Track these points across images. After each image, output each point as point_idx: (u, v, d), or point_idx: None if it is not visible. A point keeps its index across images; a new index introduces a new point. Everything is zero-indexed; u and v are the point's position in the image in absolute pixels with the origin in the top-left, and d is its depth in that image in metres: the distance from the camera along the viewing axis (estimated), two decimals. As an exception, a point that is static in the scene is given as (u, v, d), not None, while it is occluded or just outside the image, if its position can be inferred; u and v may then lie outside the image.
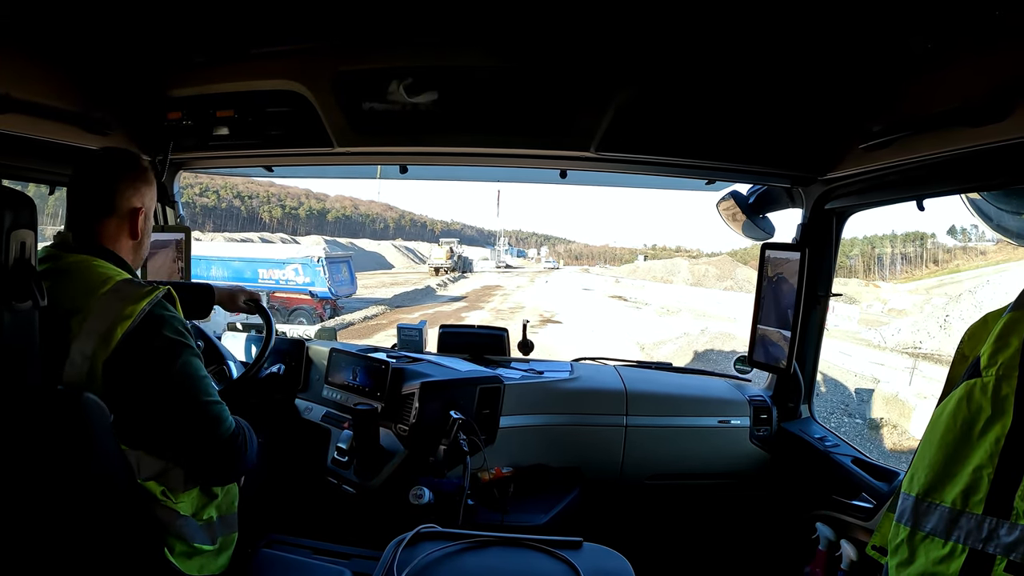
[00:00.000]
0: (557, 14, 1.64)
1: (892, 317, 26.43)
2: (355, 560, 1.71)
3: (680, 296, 33.11)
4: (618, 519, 2.46)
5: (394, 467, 2.12)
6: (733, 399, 2.55)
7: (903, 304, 31.70)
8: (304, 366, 2.65)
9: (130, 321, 1.24)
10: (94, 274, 1.31)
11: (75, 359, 1.23)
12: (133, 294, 1.28)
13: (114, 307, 1.25)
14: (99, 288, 1.27)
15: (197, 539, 1.40)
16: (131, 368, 1.25)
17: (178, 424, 1.32)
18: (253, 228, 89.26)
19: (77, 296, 1.26)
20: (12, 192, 1.11)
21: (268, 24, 1.75)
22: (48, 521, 1.15)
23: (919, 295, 36.77)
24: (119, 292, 1.28)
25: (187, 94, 2.11)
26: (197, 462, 1.37)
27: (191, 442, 1.34)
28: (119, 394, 1.24)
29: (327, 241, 64.26)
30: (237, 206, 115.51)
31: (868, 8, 1.41)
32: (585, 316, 22.60)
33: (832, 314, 11.30)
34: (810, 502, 2.19)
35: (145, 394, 1.28)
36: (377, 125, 2.03)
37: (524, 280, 46.22)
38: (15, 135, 1.72)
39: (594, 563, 1.25)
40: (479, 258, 68.85)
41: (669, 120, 1.99)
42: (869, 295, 36.91)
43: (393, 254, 77.23)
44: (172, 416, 1.31)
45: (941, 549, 1.07)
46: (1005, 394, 1.04)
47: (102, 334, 1.23)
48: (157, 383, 1.29)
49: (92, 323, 1.24)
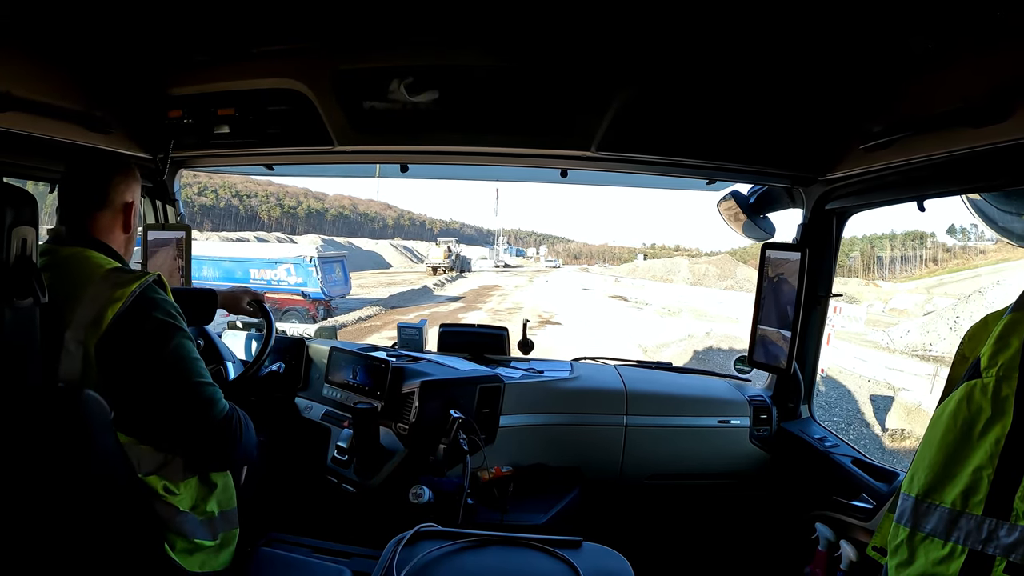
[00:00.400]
0: (558, 14, 1.63)
1: (895, 317, 25.88)
2: (355, 559, 1.71)
3: (681, 296, 32.56)
4: (618, 519, 2.46)
5: (394, 466, 2.12)
6: (733, 399, 2.55)
7: (904, 304, 31.41)
8: (304, 365, 2.65)
9: (120, 303, 1.26)
10: (88, 264, 1.34)
11: (69, 348, 1.24)
12: (123, 279, 1.30)
13: (104, 292, 1.28)
14: (92, 277, 1.30)
15: (198, 535, 1.40)
16: (123, 350, 1.26)
17: (171, 406, 1.33)
18: (252, 227, 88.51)
19: (72, 287, 1.28)
20: (13, 189, 1.11)
21: (269, 23, 1.75)
22: (49, 519, 1.16)
23: (920, 294, 36.49)
24: (109, 279, 1.30)
25: (188, 92, 2.11)
26: (192, 445, 1.38)
27: (184, 424, 1.35)
28: (114, 379, 1.26)
29: (324, 240, 63.08)
30: (236, 205, 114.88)
31: (869, 8, 1.41)
32: (585, 317, 22.19)
33: (838, 315, 11.11)
34: (810, 502, 2.19)
35: (138, 376, 1.29)
36: (377, 124, 2.03)
37: (523, 280, 45.26)
38: (16, 133, 1.72)
39: (593, 563, 1.25)
40: (478, 257, 67.84)
41: (670, 120, 1.99)
42: (870, 294, 36.59)
43: (391, 253, 76.44)
44: (165, 398, 1.32)
45: (941, 550, 1.07)
46: (1005, 395, 1.04)
47: (93, 319, 1.25)
48: (149, 365, 1.30)
49: (83, 310, 1.26)
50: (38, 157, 1.90)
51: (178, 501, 1.36)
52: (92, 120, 1.89)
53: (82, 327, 1.25)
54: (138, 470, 1.31)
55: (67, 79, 1.83)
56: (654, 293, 34.45)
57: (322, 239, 64.90)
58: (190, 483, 1.41)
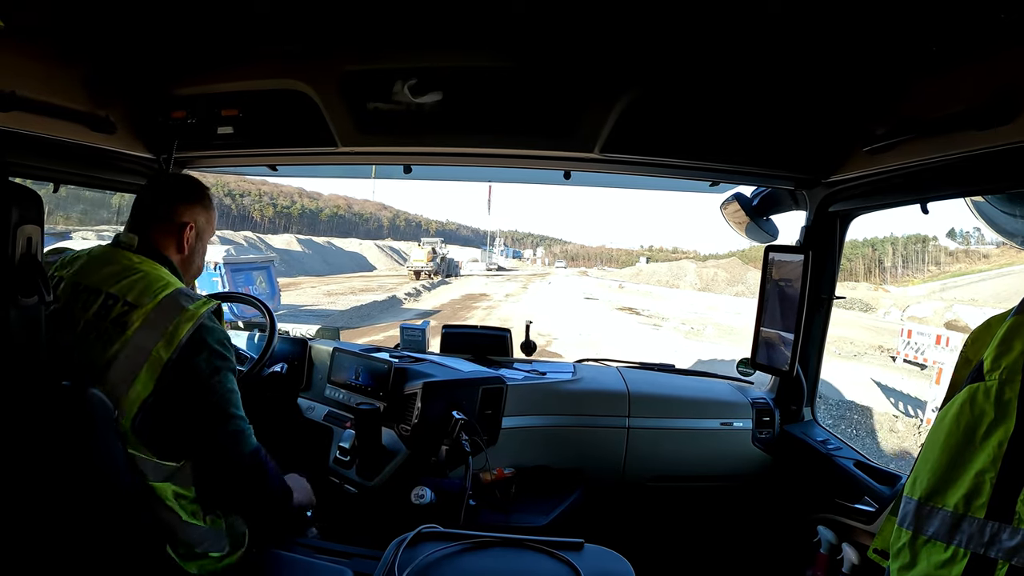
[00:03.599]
0: (562, 15, 1.63)
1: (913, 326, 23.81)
2: (356, 560, 1.71)
3: (696, 305, 29.21)
4: (620, 520, 2.46)
5: (396, 467, 2.12)
6: (735, 401, 2.54)
7: (924, 311, 29.25)
8: (307, 365, 2.66)
9: (191, 323, 1.32)
10: (155, 276, 1.40)
11: (130, 352, 1.29)
12: (194, 302, 1.37)
13: (177, 309, 1.34)
14: (161, 291, 1.36)
15: (204, 544, 1.41)
16: (180, 369, 1.31)
17: (205, 432, 1.37)
18: (244, 227, 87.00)
19: (141, 293, 1.35)
20: (19, 188, 1.12)
21: (273, 24, 1.76)
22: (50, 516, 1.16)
23: (939, 301, 34.08)
24: (180, 297, 1.36)
25: (192, 93, 2.12)
26: (217, 474, 1.41)
27: (215, 453, 1.39)
28: (161, 394, 1.29)
29: (300, 240, 61.20)
30: (228, 204, 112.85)
31: (872, 11, 1.41)
32: (592, 339, 16.72)
33: (941, 346, 9.80)
34: (812, 505, 2.19)
35: (183, 397, 1.32)
36: (381, 125, 2.03)
37: (515, 286, 40.19)
38: (21, 132, 1.72)
39: (595, 564, 1.25)
40: (468, 259, 64.71)
41: (674, 122, 1.99)
42: (885, 301, 34.87)
43: (375, 255, 74.67)
44: (201, 423, 1.36)
45: (943, 553, 1.07)
46: (1008, 398, 1.04)
47: (168, 331, 1.31)
48: (197, 388, 1.34)
49: (155, 319, 1.31)
50: (43, 157, 1.91)
51: (185, 510, 1.37)
52: (97, 120, 1.90)
53: (152, 337, 1.30)
54: (150, 477, 1.31)
55: (72, 79, 1.84)
56: (667, 303, 30.98)
57: (297, 239, 62.64)
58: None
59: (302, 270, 48.81)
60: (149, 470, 1.31)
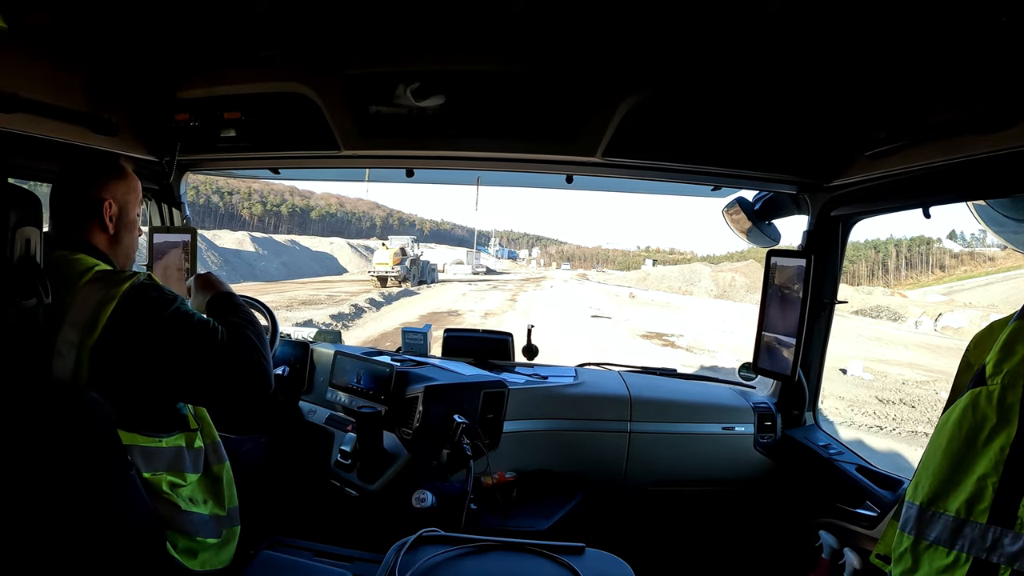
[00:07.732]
0: (565, 20, 1.64)
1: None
2: (357, 563, 1.71)
3: (730, 322, 23.23)
4: (621, 525, 2.45)
5: (397, 470, 2.12)
6: (737, 406, 2.54)
7: (959, 321, 27.39)
8: (308, 368, 2.66)
9: (114, 303, 1.25)
10: (74, 267, 1.32)
11: (61, 350, 1.23)
12: (115, 279, 1.29)
13: (96, 294, 1.26)
14: (79, 279, 1.29)
15: (201, 532, 1.40)
16: (123, 343, 1.25)
17: (180, 356, 1.28)
18: (232, 226, 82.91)
19: (60, 290, 1.26)
20: (18, 189, 1.12)
21: (276, 27, 1.76)
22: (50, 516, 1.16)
23: (975, 310, 32.08)
24: (100, 280, 1.29)
25: (195, 96, 2.13)
26: (214, 382, 1.31)
27: (199, 363, 1.29)
28: (113, 375, 1.25)
29: (254, 239, 54.49)
30: (216, 202, 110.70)
31: (874, 15, 1.41)
32: None
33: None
34: (814, 510, 2.18)
35: (141, 354, 1.26)
36: (384, 129, 2.03)
37: (501, 296, 31.14)
38: (23, 135, 1.73)
39: (596, 569, 1.24)
40: (452, 261, 57.34)
41: (676, 126, 2.00)
42: (911, 309, 31.29)
43: (347, 256, 67.53)
44: (172, 352, 1.28)
45: (945, 558, 1.07)
46: (1011, 403, 1.04)
47: (87, 322, 1.24)
48: (150, 334, 1.27)
49: (75, 313, 1.25)
50: (45, 159, 1.92)
51: (181, 498, 1.37)
52: (99, 122, 1.90)
53: (75, 331, 1.24)
54: (143, 469, 1.31)
55: (75, 81, 1.84)
56: (690, 316, 25.08)
57: (251, 237, 55.85)
58: (193, 479, 1.42)
59: (250, 275, 41.46)
60: (143, 462, 1.30)
